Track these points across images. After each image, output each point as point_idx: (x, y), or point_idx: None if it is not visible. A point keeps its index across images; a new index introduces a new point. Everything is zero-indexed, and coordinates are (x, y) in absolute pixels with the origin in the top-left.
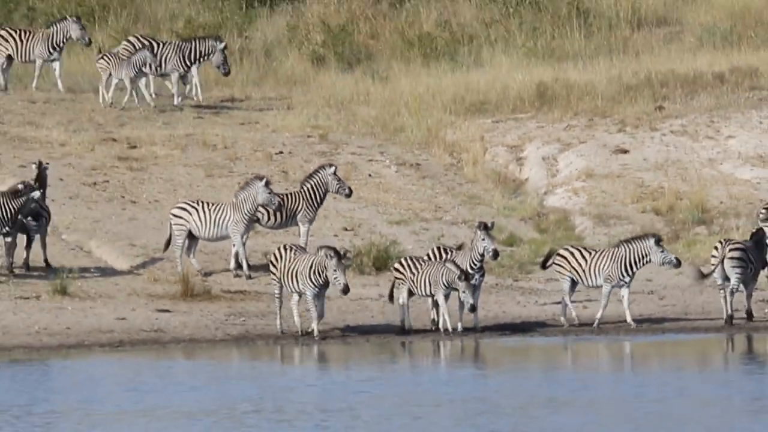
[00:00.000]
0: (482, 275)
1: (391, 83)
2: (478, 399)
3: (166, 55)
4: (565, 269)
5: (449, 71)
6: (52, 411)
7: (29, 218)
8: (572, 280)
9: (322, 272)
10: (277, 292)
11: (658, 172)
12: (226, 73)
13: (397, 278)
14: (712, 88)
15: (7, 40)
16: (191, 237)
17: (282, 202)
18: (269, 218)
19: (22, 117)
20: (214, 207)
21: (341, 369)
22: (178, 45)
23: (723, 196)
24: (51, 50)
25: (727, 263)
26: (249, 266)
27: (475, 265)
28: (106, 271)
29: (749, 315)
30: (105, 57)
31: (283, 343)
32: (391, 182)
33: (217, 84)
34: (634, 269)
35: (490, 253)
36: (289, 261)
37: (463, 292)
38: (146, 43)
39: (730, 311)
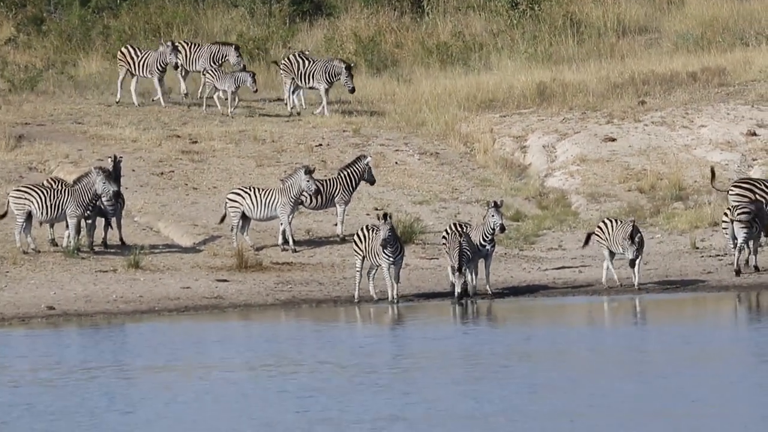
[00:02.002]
0: (493, 246)
1: (414, 85)
2: (464, 351)
3: (314, 72)
4: (602, 238)
5: (463, 74)
6: (129, 367)
7: (106, 203)
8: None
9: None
10: (358, 266)
11: (642, 156)
12: (351, 90)
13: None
14: (686, 85)
15: (180, 51)
16: (244, 218)
17: (320, 189)
18: (311, 201)
19: (99, 118)
20: (263, 192)
21: (360, 328)
22: (323, 64)
23: (697, 176)
24: (212, 64)
25: (736, 225)
26: (294, 242)
27: (487, 237)
28: (173, 248)
29: (756, 268)
30: (210, 72)
31: (324, 306)
32: (414, 168)
33: (265, 87)
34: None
35: (498, 227)
36: (372, 239)
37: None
38: (301, 59)
39: (737, 266)
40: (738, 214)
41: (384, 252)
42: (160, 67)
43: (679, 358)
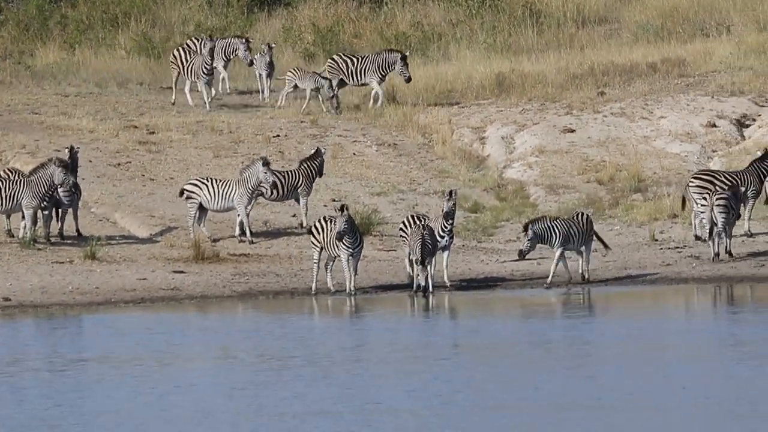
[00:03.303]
0: (451, 238)
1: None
2: (411, 344)
3: (365, 68)
4: None
5: (421, 64)
6: (84, 358)
7: (63, 194)
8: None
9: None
10: (315, 257)
11: (601, 148)
12: (408, 80)
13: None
14: (646, 76)
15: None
16: (201, 209)
17: (282, 180)
18: (271, 193)
19: (56, 108)
20: (221, 183)
21: (313, 319)
22: (374, 59)
23: (656, 168)
24: (224, 58)
25: (715, 209)
26: (251, 233)
27: (446, 227)
28: (129, 239)
29: (729, 254)
30: (292, 70)
31: (281, 297)
32: (372, 159)
33: (224, 79)
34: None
35: (443, 212)
36: (330, 231)
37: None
38: (348, 59)
39: (717, 250)
40: (717, 199)
41: (342, 243)
42: (205, 71)
43: (621, 351)
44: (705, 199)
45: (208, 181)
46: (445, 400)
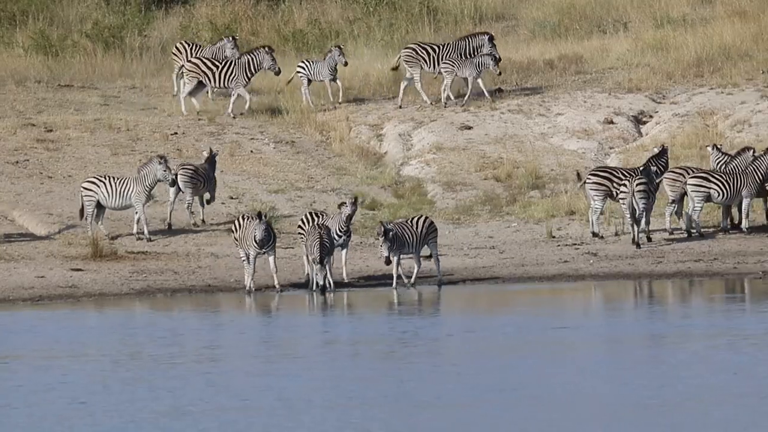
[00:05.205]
0: (349, 236)
1: (270, 73)
2: (288, 341)
3: (447, 56)
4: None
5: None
6: None
7: None
8: None
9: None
10: (242, 255)
11: (498, 145)
12: (498, 60)
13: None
14: (543, 73)
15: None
16: (99, 206)
17: (175, 180)
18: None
19: None
20: (119, 181)
21: (211, 318)
22: (456, 45)
23: (553, 165)
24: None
25: (636, 195)
26: (149, 231)
27: (343, 227)
28: (27, 237)
29: (648, 238)
30: (449, 61)
31: (179, 295)
32: (269, 157)
33: (120, 76)
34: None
35: (344, 215)
36: (244, 228)
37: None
38: (428, 47)
39: (637, 237)
40: (638, 184)
41: (254, 242)
42: (249, 76)
43: (497, 347)
44: (625, 185)
45: (105, 179)
46: (304, 397)
